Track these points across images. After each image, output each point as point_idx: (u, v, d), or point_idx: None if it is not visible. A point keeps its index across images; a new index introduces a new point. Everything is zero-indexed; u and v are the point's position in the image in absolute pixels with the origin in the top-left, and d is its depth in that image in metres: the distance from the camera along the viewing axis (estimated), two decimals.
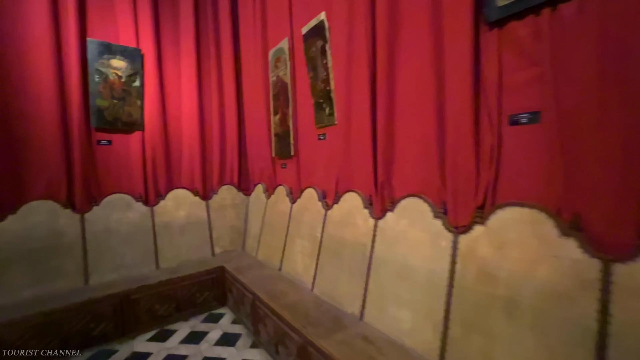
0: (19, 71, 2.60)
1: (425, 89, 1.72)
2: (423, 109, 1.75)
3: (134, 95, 3.09)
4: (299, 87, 2.84)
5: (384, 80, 1.91)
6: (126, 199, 3.10)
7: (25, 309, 2.26)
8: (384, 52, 1.89)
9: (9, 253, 2.49)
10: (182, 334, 2.65)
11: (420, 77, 1.74)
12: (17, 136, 2.61)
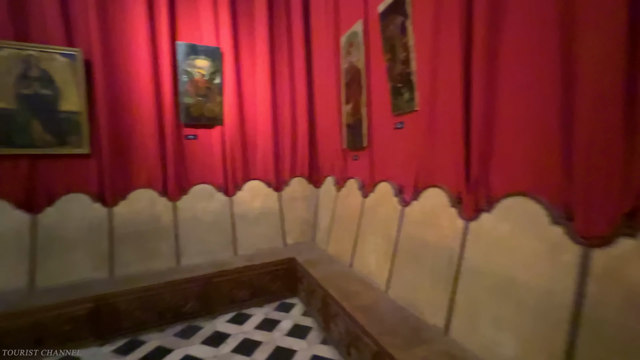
0: (125, 75, 2.99)
1: (542, 54, 1.35)
2: (539, 84, 1.38)
3: (215, 92, 3.29)
4: (374, 73, 2.62)
5: (483, 51, 1.57)
6: (209, 190, 3.36)
7: (132, 282, 2.63)
8: (484, 14, 1.55)
9: (121, 233, 2.92)
10: (257, 319, 2.76)
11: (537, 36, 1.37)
12: (125, 133, 3.02)
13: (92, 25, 2.81)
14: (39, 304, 2.32)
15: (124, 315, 2.51)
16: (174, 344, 2.43)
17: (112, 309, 2.47)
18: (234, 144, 3.46)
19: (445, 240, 1.83)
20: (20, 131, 2.64)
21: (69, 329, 2.35)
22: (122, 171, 3.02)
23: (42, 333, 2.29)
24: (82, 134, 2.82)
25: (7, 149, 2.61)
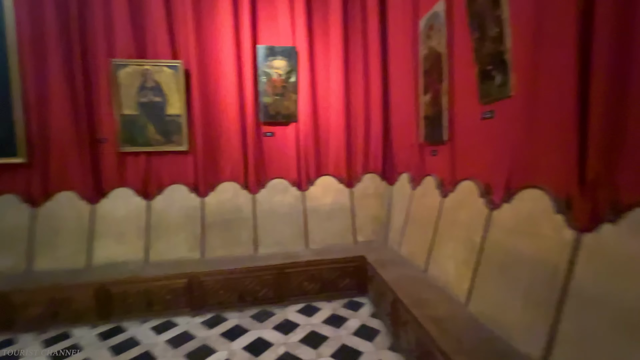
0: (215, 80, 3.37)
1: None
2: None
3: (290, 90, 3.42)
4: (457, 57, 2.32)
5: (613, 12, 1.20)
6: (284, 184, 3.54)
7: (218, 265, 2.96)
8: None
9: (210, 220, 3.32)
10: (325, 314, 2.79)
11: None
12: (214, 131, 3.40)
13: (190, 38, 3.24)
14: (151, 275, 2.81)
15: (210, 293, 2.85)
16: (250, 325, 2.65)
17: (201, 286, 2.84)
18: (308, 140, 3.55)
19: (547, 253, 1.49)
20: (140, 132, 3.24)
21: (170, 298, 2.80)
22: (212, 165, 3.42)
23: (152, 298, 2.78)
24: (183, 133, 3.29)
25: (131, 147, 3.24)
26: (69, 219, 3.14)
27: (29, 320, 2.65)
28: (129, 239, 3.17)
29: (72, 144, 3.18)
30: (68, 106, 3.14)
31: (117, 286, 2.75)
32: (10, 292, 2.64)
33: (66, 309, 2.69)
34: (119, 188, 3.27)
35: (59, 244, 3.07)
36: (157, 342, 2.45)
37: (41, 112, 3.14)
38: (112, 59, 3.15)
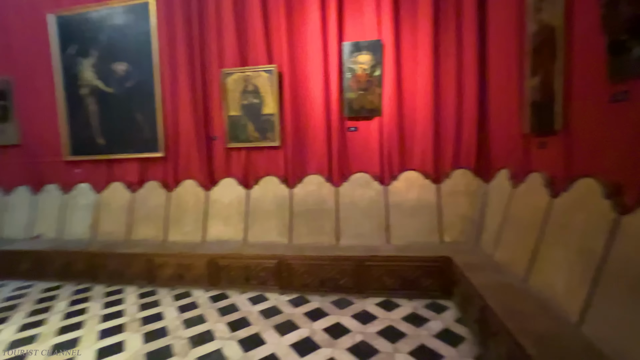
0: (303, 79, 3.62)
1: None
2: None
3: (374, 84, 3.41)
4: (577, 28, 1.92)
5: None
6: (366, 178, 3.57)
7: (303, 251, 3.22)
8: None
9: (297, 210, 3.61)
10: (404, 311, 2.73)
11: None
12: (302, 128, 3.67)
13: (282, 44, 3.57)
14: (248, 253, 3.26)
15: (296, 275, 3.12)
16: (330, 309, 2.80)
17: (288, 268, 3.14)
18: (392, 134, 3.49)
19: None
20: (241, 131, 3.75)
21: (263, 275, 3.19)
22: (300, 159, 3.70)
23: (249, 274, 3.22)
24: (275, 130, 3.67)
25: (235, 143, 3.78)
26: (191, 202, 3.90)
27: (164, 278, 3.43)
28: (232, 222, 3.73)
29: (193, 142, 3.93)
30: (191, 111, 3.88)
31: (223, 260, 3.29)
32: (153, 254, 3.46)
33: (188, 273, 3.36)
34: (226, 178, 3.87)
35: (185, 221, 3.85)
36: (252, 311, 2.85)
37: (173, 117, 3.97)
38: (222, 69, 3.73)
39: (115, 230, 4.05)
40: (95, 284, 3.60)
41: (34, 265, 3.82)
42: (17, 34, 4.39)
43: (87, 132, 4.23)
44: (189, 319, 2.75)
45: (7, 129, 4.48)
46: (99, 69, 4.14)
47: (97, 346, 2.41)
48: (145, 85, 3.97)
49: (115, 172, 4.27)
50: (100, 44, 4.10)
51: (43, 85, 4.34)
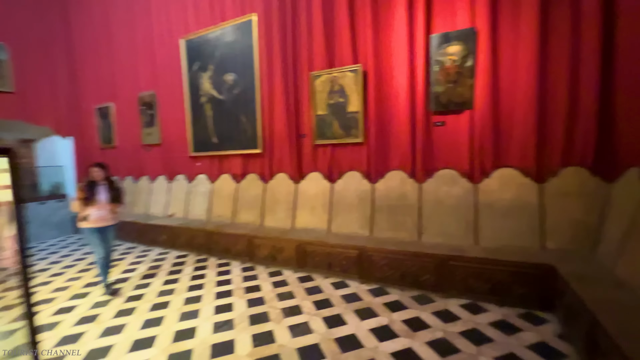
0: (388, 76, 3.65)
1: None
2: None
3: (465, 75, 3.22)
4: None
5: None
6: (453, 175, 3.41)
7: (384, 244, 3.31)
8: None
9: (379, 204, 3.71)
10: (493, 317, 2.56)
11: None
12: (385, 124, 3.72)
13: (368, 42, 3.68)
14: (331, 242, 3.53)
15: (376, 267, 3.24)
16: (409, 304, 2.84)
17: (369, 259, 3.28)
18: (484, 128, 3.23)
19: None
20: (327, 128, 4.03)
21: (345, 264, 3.42)
22: (382, 155, 3.77)
23: (332, 261, 3.49)
24: (359, 127, 3.82)
25: (322, 140, 4.09)
26: (282, 193, 4.40)
27: (261, 257, 3.99)
28: (317, 212, 4.07)
29: (285, 140, 4.41)
30: (284, 113, 4.36)
31: (309, 246, 3.64)
32: (252, 236, 4.07)
33: (280, 255, 3.84)
34: (313, 172, 4.23)
35: (277, 209, 4.38)
36: (334, 294, 3.10)
37: (269, 118, 4.52)
38: (311, 72, 4.06)
39: (224, 213, 4.88)
40: (211, 255, 4.45)
41: (169, 237, 4.93)
42: (159, 56, 5.65)
43: (205, 133, 5.18)
44: (281, 293, 3.18)
45: (153, 132, 5.84)
46: (214, 80, 5.00)
47: (214, 304, 3.03)
48: (249, 92, 4.63)
49: (224, 166, 5.12)
50: (215, 60, 4.94)
51: (175, 97, 5.49)
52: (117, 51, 6.21)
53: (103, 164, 3.37)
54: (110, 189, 3.34)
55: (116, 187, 3.41)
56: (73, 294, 3.43)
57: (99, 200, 3.24)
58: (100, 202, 3.25)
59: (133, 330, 2.64)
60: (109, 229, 3.38)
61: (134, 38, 5.93)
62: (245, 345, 2.35)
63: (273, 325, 2.61)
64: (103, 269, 3.37)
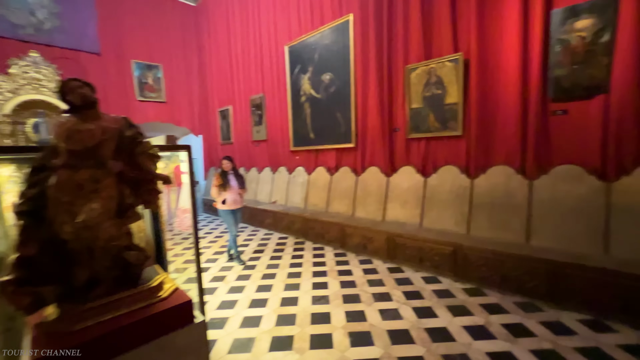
0: (493, 64, 3.35)
1: None
2: None
3: (599, 53, 2.70)
4: None
5: None
6: (576, 171, 2.93)
7: (483, 243, 3.12)
8: None
9: (478, 201, 3.48)
10: (623, 339, 2.17)
11: None
12: (489, 116, 3.44)
13: (471, 29, 3.44)
14: (423, 237, 3.51)
15: (473, 266, 3.10)
16: (511, 309, 2.64)
17: (464, 257, 3.15)
18: (625, 116, 2.67)
19: None
20: (422, 122, 3.96)
21: (437, 260, 3.36)
22: (484, 149, 3.51)
23: (423, 255, 3.48)
24: (458, 119, 3.63)
25: (415, 134, 4.05)
26: (374, 185, 4.55)
27: (352, 245, 4.26)
28: (409, 206, 4.07)
29: (378, 134, 4.52)
30: (377, 108, 4.47)
31: (399, 238, 3.71)
32: (344, 225, 4.36)
33: (370, 245, 4.03)
34: (405, 166, 4.23)
35: (368, 201, 4.56)
36: (425, 288, 3.12)
37: (363, 113, 4.71)
38: (406, 65, 4.04)
39: (318, 203, 5.34)
40: (307, 240, 4.96)
41: (273, 221, 5.69)
42: (266, 63, 6.48)
43: (304, 129, 5.73)
44: (371, 280, 3.37)
45: (261, 129, 6.76)
46: (313, 81, 5.47)
47: (312, 280, 3.43)
48: (344, 89, 4.91)
49: (320, 159, 5.57)
50: (314, 61, 5.38)
51: (279, 99, 6.23)
52: (234, 62, 7.37)
53: (230, 157, 4.12)
54: (237, 177, 4.08)
55: (241, 175, 4.15)
56: (206, 259, 4.38)
57: (231, 186, 3.99)
58: (232, 188, 3.99)
59: (250, 292, 3.25)
60: (238, 211, 4.12)
61: (247, 48, 6.94)
62: (340, 318, 2.63)
63: (364, 306, 2.82)
64: (234, 243, 4.14)
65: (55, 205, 1.14)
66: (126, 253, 1.31)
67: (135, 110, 7.41)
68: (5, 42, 5.80)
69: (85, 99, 1.21)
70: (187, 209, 1.97)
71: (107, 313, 1.20)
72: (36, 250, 1.13)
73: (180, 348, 1.29)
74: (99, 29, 6.88)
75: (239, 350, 2.28)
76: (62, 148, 1.14)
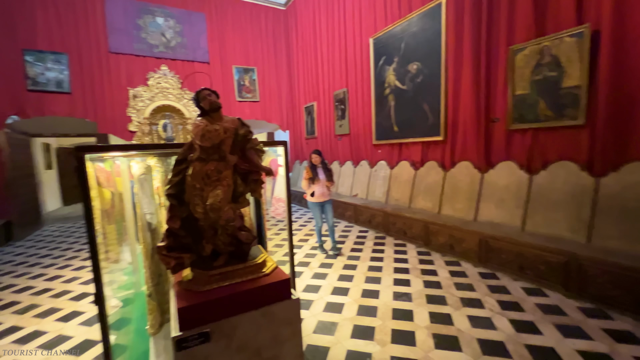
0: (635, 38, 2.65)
1: None
2: None
3: None
4: None
5: None
6: None
7: (608, 255, 2.57)
8: None
9: (605, 205, 2.86)
10: None
11: None
12: (625, 102, 2.76)
13: None
14: (525, 241, 3.09)
15: (592, 281, 2.58)
16: None
17: (580, 269, 2.65)
18: None
19: None
20: (529, 110, 3.44)
21: (542, 269, 2.92)
22: (616, 141, 2.85)
23: (524, 263, 3.06)
24: (580, 106, 3.02)
25: (519, 125, 3.54)
26: (464, 182, 4.18)
27: (437, 244, 4.03)
28: (507, 206, 3.61)
29: (471, 126, 4.12)
30: (472, 96, 4.06)
31: (495, 241, 3.34)
32: (429, 222, 4.15)
33: (458, 245, 3.74)
34: (505, 161, 3.75)
35: (457, 199, 4.22)
36: (526, 299, 2.75)
37: (454, 104, 4.34)
38: (510, 46, 3.54)
39: (401, 198, 5.19)
40: (387, 235, 4.91)
41: (353, 214, 5.79)
42: (350, 57, 6.54)
43: (387, 122, 5.61)
44: (459, 283, 3.14)
45: (343, 123, 6.90)
46: (398, 72, 5.29)
47: (393, 276, 3.40)
48: (432, 78, 4.61)
49: (404, 153, 5.38)
50: (400, 52, 5.19)
51: (362, 92, 6.23)
52: (319, 59, 7.66)
53: (319, 151, 4.20)
54: (325, 170, 4.18)
55: (329, 169, 4.21)
56: None
57: (320, 179, 4.10)
58: (320, 181, 4.10)
59: (332, 279, 3.42)
60: (327, 203, 4.21)
61: (332, 44, 7.12)
62: (423, 318, 2.55)
63: (450, 309, 2.66)
64: (319, 234, 4.29)
65: (190, 191, 1.44)
66: (239, 233, 1.56)
67: (235, 109, 8.45)
68: (146, 60, 7.32)
69: (212, 105, 1.48)
70: (281, 198, 2.20)
71: (225, 280, 1.46)
72: (179, 225, 1.45)
73: (279, 319, 1.47)
74: (208, 41, 8.04)
75: (323, 332, 2.45)
76: (197, 145, 1.43)
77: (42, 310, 3.05)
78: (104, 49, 6.86)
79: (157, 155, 2.05)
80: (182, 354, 1.25)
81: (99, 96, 6.80)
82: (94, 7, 6.77)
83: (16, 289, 3.60)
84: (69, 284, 3.67)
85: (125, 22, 7.10)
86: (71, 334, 2.60)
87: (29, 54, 6.16)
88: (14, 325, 2.79)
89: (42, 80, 6.29)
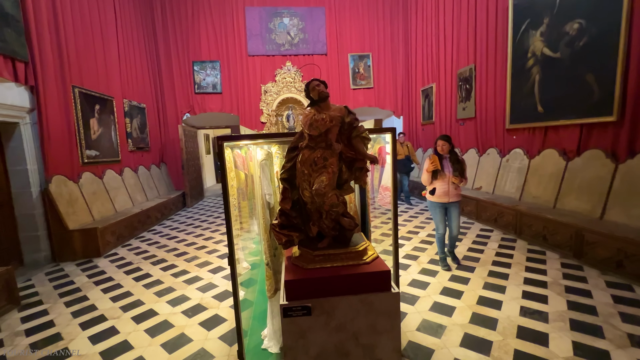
0: None
1: None
2: None
3: None
4: None
5: None
6: None
7: None
8: None
9: None
10: None
11: None
12: None
13: None
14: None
15: None
16: None
17: None
18: None
19: None
20: None
21: None
22: None
23: None
24: None
25: None
26: None
27: (595, 258, 3.09)
28: None
29: None
30: None
31: None
32: (584, 229, 3.21)
33: (631, 265, 2.76)
34: None
35: (635, 201, 3.09)
36: None
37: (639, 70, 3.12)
38: None
39: (542, 195, 4.20)
40: (518, 238, 4.09)
41: (474, 209, 5.08)
42: (481, 27, 5.56)
43: (528, 102, 4.56)
44: (628, 314, 2.33)
45: (468, 106, 6.04)
46: (547, 36, 4.17)
47: (522, 288, 2.83)
48: (603, 39, 3.42)
49: (550, 139, 4.29)
50: (553, 9, 4.06)
51: (495, 68, 5.25)
52: (442, 36, 6.87)
53: (448, 137, 3.21)
54: (453, 162, 3.18)
55: (459, 160, 3.19)
56: (400, 236, 4.60)
57: (445, 174, 3.17)
58: (445, 177, 3.17)
59: (443, 278, 3.13)
60: (452, 206, 3.24)
61: (458, 18, 6.24)
62: (564, 348, 2.03)
63: (609, 346, 2.02)
64: (440, 244, 3.37)
65: (300, 176, 1.55)
66: (342, 219, 1.60)
67: (349, 97, 8.63)
68: (274, 58, 8.31)
69: (321, 95, 1.53)
70: (388, 186, 2.12)
71: (327, 262, 1.53)
72: (290, 206, 1.60)
73: (377, 309, 1.45)
74: (326, 33, 8.41)
75: (428, 332, 2.29)
76: (306, 133, 1.52)
77: (200, 261, 4.02)
78: (244, 53, 8.18)
79: (278, 143, 2.31)
80: (288, 320, 1.40)
81: (240, 94, 8.20)
82: (238, 18, 8.10)
83: (186, 243, 4.86)
84: (217, 245, 4.69)
85: (260, 27, 8.21)
86: (217, 284, 3.32)
87: (196, 64, 8.00)
88: (184, 269, 3.78)
89: (204, 84, 8.10)
